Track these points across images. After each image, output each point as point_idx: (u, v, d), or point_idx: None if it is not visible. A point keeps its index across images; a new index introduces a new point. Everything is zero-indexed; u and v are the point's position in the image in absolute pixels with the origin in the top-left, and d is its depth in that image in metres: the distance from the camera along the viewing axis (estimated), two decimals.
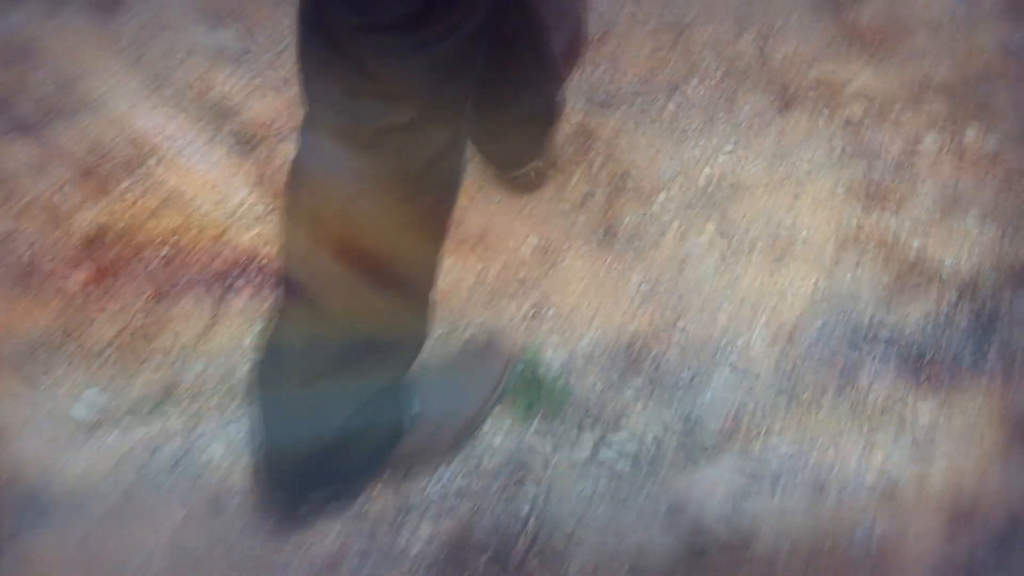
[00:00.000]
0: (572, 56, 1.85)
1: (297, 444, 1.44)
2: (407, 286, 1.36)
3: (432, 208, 1.30)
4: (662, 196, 1.93)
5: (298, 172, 1.27)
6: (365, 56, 1.11)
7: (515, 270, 1.82)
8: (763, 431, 1.63)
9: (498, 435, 1.64)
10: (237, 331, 1.73)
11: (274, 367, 1.43)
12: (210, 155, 1.97)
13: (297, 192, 1.28)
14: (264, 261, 1.81)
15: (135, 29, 2.19)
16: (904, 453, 1.60)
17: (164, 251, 1.82)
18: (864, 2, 2.30)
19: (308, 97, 1.21)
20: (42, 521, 1.50)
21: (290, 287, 1.37)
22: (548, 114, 1.80)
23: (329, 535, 1.51)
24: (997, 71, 2.15)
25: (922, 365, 1.70)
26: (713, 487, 1.58)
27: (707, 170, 1.98)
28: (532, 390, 1.65)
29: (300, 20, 1.16)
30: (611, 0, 2.27)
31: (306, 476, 1.48)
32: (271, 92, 2.09)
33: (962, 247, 1.86)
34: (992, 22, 2.25)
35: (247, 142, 1.99)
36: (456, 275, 1.79)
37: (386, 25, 1.08)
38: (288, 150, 1.93)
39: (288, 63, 2.15)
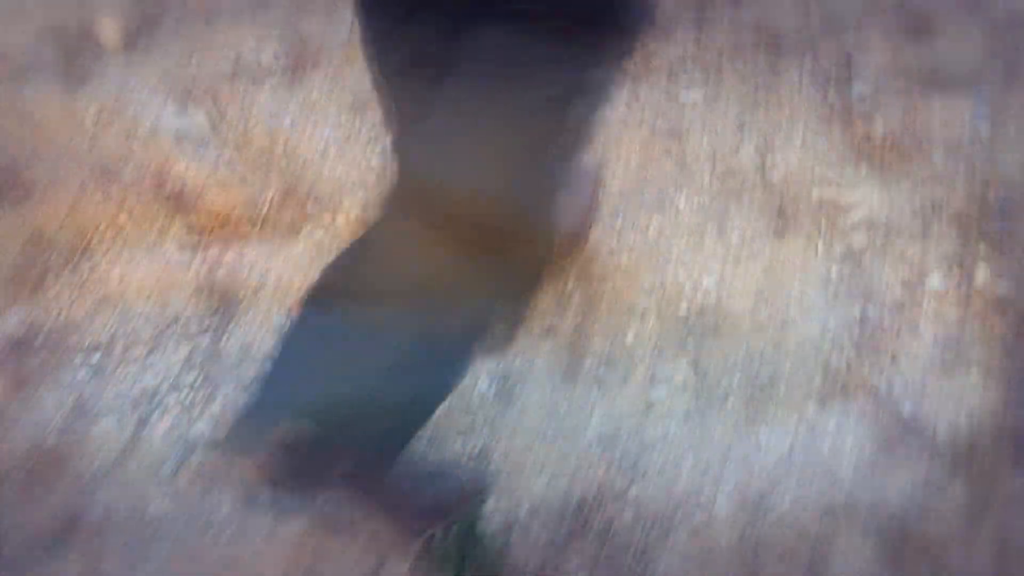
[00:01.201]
0: (578, 229, 1.80)
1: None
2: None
3: None
4: (635, 327, 1.78)
5: None
6: None
7: (466, 403, 1.67)
8: None
9: None
10: (156, 459, 1.60)
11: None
12: (156, 252, 1.85)
13: None
14: (191, 387, 1.68)
15: (97, 109, 2.08)
16: None
17: (92, 361, 1.70)
18: (877, 114, 2.12)
19: None
20: None
21: None
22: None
23: None
24: (1018, 203, 1.97)
25: (904, 548, 1.53)
26: None
27: (687, 300, 1.81)
28: (465, 549, 1.50)
29: None
30: None
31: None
32: (231, 183, 1.96)
33: (960, 409, 1.68)
34: (1016, 146, 2.07)
35: (198, 240, 1.87)
36: None
37: None
38: (238, 250, 1.81)
39: (251, 155, 2.02)
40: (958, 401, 1.70)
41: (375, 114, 1.36)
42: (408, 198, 1.27)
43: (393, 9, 1.25)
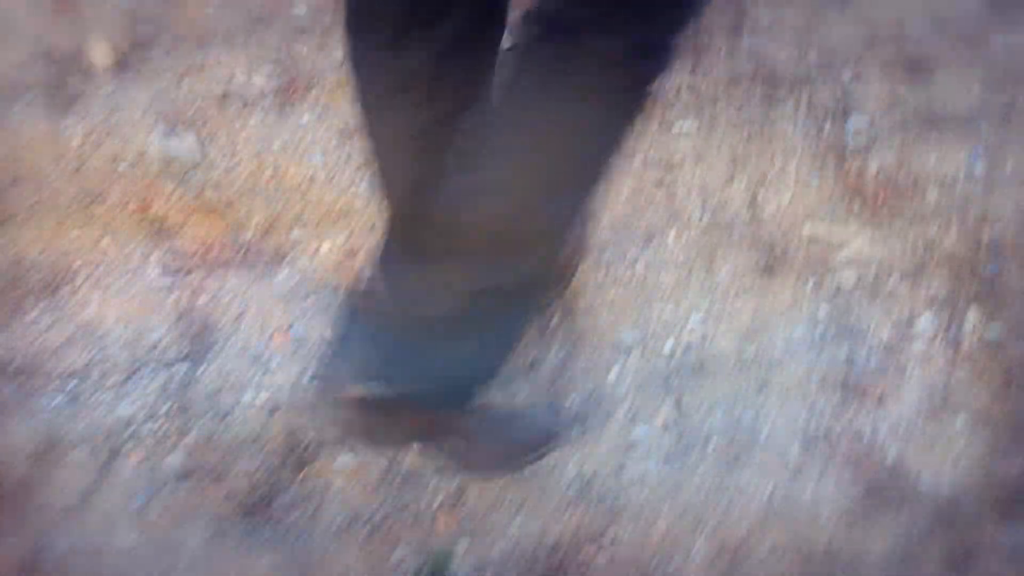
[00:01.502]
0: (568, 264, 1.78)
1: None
2: None
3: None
4: (616, 370, 1.75)
5: None
6: None
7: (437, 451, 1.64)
8: None
9: None
10: (120, 500, 1.57)
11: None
12: (133, 284, 1.83)
13: None
14: (165, 418, 1.66)
15: (84, 132, 2.06)
16: None
17: (60, 397, 1.68)
18: (872, 152, 2.09)
19: None
20: None
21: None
22: None
23: None
24: (1010, 245, 1.94)
25: None
26: None
27: (671, 342, 1.79)
28: None
29: None
30: None
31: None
32: (213, 214, 1.94)
33: (945, 460, 1.65)
34: (1013, 186, 2.04)
35: (176, 272, 1.85)
36: (366, 453, 1.62)
37: None
38: (220, 277, 1.79)
39: (238, 181, 2.00)
40: (943, 451, 1.67)
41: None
42: (410, 215, 1.25)
43: (383, 31, 1.23)
